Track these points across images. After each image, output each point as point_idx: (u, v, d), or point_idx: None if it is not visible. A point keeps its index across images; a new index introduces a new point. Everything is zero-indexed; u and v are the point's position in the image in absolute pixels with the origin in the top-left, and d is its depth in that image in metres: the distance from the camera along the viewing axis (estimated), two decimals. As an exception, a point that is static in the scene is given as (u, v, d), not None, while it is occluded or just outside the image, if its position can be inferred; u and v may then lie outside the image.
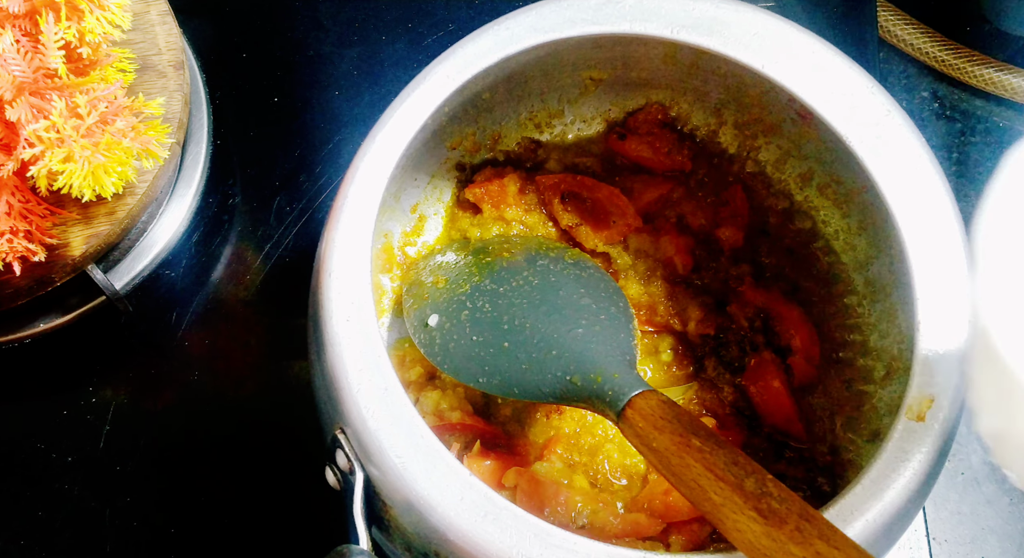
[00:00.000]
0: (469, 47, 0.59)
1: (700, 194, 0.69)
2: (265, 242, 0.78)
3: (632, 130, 0.69)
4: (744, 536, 0.45)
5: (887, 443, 0.51)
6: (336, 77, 0.82)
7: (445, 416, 0.63)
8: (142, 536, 0.70)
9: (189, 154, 0.77)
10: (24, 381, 0.75)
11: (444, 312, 0.63)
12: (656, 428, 0.50)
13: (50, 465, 0.72)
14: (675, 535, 0.58)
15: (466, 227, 0.69)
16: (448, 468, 0.50)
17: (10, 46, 0.59)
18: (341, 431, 0.53)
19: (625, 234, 0.68)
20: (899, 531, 0.52)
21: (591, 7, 0.60)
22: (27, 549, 0.70)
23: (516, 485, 0.60)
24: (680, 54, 0.62)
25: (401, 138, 0.58)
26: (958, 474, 0.74)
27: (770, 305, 0.66)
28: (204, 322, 0.75)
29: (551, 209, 0.68)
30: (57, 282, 0.68)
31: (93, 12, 0.62)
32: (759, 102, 0.63)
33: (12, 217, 0.63)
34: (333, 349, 0.53)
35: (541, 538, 0.48)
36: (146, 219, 0.74)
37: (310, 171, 0.80)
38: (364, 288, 0.54)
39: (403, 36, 0.84)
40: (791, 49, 0.59)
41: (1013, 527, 0.73)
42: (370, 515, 0.53)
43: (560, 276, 0.64)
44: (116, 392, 0.74)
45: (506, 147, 0.69)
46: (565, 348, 0.58)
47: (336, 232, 0.56)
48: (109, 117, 0.63)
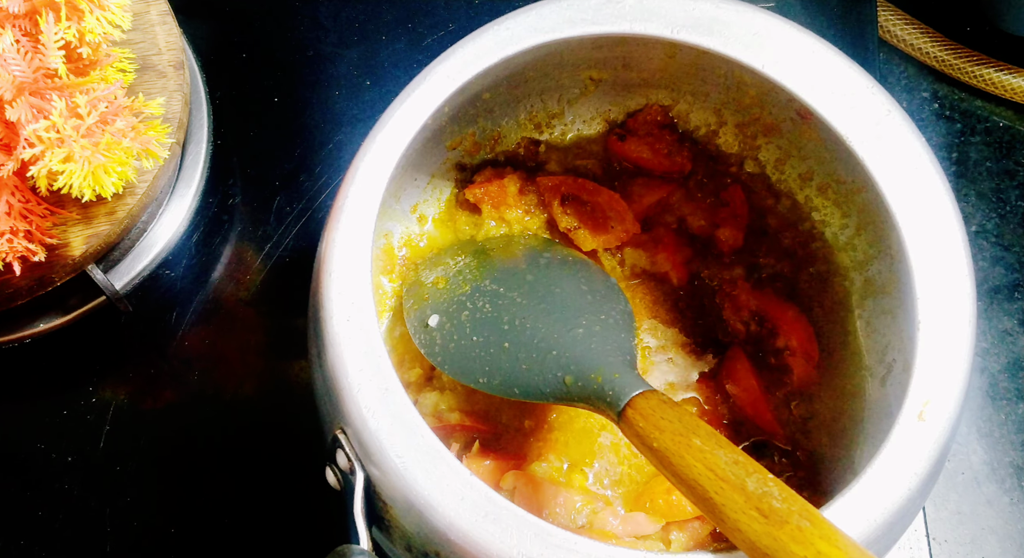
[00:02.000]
0: (469, 47, 0.59)
1: (699, 195, 0.69)
2: (265, 242, 0.78)
3: (632, 131, 0.69)
4: (745, 536, 0.45)
5: (887, 443, 0.51)
6: (336, 77, 0.82)
7: (444, 417, 0.63)
8: (142, 536, 0.70)
9: (189, 154, 0.77)
10: (24, 381, 0.75)
11: (444, 312, 0.63)
12: (657, 428, 0.50)
13: (50, 465, 0.72)
14: (676, 533, 0.58)
15: (466, 227, 0.69)
16: (448, 468, 0.50)
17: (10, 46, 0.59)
18: (341, 431, 0.53)
19: (623, 239, 0.68)
20: (899, 531, 0.52)
21: (591, 7, 0.60)
22: (27, 549, 0.70)
23: (514, 487, 0.60)
24: (680, 54, 0.62)
25: (401, 138, 0.58)
26: (958, 474, 0.74)
27: (765, 306, 0.66)
28: (204, 322, 0.75)
29: (551, 211, 0.68)
30: (57, 282, 0.68)
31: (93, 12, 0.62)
32: (759, 102, 0.63)
33: (12, 217, 0.63)
34: (333, 349, 0.53)
35: (542, 538, 0.48)
36: (146, 219, 0.74)
37: (310, 171, 0.80)
38: (364, 288, 0.54)
39: (403, 36, 0.84)
40: (791, 49, 0.59)
41: (1013, 527, 0.73)
42: (370, 515, 0.53)
43: (560, 276, 0.64)
44: (116, 392, 0.74)
45: (506, 147, 0.69)
46: (565, 348, 0.58)
47: (336, 232, 0.56)
48: (109, 117, 0.63)
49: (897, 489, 0.50)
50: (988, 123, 0.86)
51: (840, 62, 0.59)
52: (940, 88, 0.87)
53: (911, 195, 0.56)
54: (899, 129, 0.57)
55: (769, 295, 0.66)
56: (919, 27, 0.87)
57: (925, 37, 0.86)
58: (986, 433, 0.76)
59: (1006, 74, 0.85)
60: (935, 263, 0.54)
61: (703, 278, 0.68)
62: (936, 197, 0.56)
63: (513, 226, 0.68)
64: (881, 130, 0.57)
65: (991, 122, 0.86)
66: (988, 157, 0.85)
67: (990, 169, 0.84)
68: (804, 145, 0.64)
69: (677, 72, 0.64)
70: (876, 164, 0.56)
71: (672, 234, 0.68)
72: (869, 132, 0.57)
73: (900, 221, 0.55)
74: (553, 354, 0.58)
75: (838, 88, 0.58)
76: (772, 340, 0.65)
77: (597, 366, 0.56)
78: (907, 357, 0.54)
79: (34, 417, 0.73)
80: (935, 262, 0.54)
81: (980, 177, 0.84)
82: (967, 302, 0.54)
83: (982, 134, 0.86)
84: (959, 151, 0.85)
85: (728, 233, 0.67)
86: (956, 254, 0.54)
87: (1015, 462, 0.75)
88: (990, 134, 0.86)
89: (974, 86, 0.86)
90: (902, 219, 0.55)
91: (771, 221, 0.67)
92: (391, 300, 0.66)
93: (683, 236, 0.69)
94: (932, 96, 0.87)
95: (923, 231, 0.55)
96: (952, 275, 0.54)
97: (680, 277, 0.67)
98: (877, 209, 0.57)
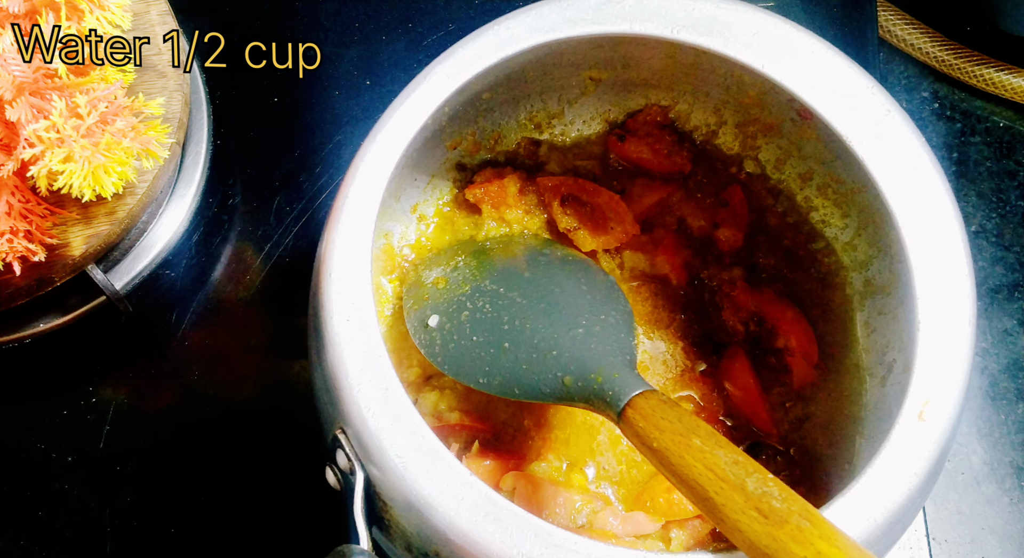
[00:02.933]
0: (469, 47, 0.59)
1: (699, 195, 0.69)
2: (265, 242, 0.78)
3: (632, 131, 0.69)
4: (745, 536, 0.45)
5: (887, 443, 0.51)
6: (336, 77, 0.82)
7: (444, 417, 0.63)
8: (142, 536, 0.70)
9: (189, 154, 0.77)
10: (24, 381, 0.75)
11: (444, 313, 0.63)
12: (657, 428, 0.50)
13: (50, 465, 0.72)
14: (676, 532, 0.58)
15: (466, 227, 0.69)
16: (448, 468, 0.50)
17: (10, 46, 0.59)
18: (341, 431, 0.53)
19: (622, 240, 0.68)
20: (899, 531, 0.52)
21: (591, 7, 0.60)
22: (27, 549, 0.70)
23: (514, 487, 0.60)
24: (680, 54, 0.62)
25: (401, 138, 0.58)
26: (958, 474, 0.74)
27: (764, 307, 0.66)
28: (204, 322, 0.75)
29: (551, 211, 0.68)
30: (57, 282, 0.68)
31: (93, 12, 0.62)
32: (759, 102, 0.63)
33: (12, 217, 0.63)
34: (333, 349, 0.53)
35: (542, 538, 0.48)
36: (146, 219, 0.74)
37: (310, 171, 0.80)
38: (364, 288, 0.54)
39: (403, 36, 0.84)
40: (791, 49, 0.59)
41: (1013, 527, 0.73)
42: (370, 515, 0.53)
43: (560, 276, 0.64)
44: (116, 392, 0.74)
45: (506, 147, 0.69)
46: (565, 348, 0.58)
47: (336, 232, 0.56)
48: (109, 117, 0.63)
49: (897, 489, 0.50)
50: (988, 123, 0.86)
51: (840, 62, 0.59)
52: (940, 88, 0.87)
53: (911, 195, 0.56)
54: (899, 129, 0.57)
55: (769, 295, 0.66)
56: (919, 27, 0.87)
57: (925, 37, 0.86)
58: (986, 433, 0.76)
59: (1006, 74, 0.85)
60: (935, 263, 0.54)
61: (703, 279, 0.68)
62: (936, 197, 0.56)
63: (513, 226, 0.68)
64: (881, 130, 0.57)
65: (991, 122, 0.86)
66: (988, 157, 0.85)
67: (990, 169, 0.84)
68: (804, 145, 0.64)
69: (677, 72, 0.64)
70: (876, 164, 0.56)
71: (672, 235, 0.68)
72: (869, 132, 0.57)
73: (900, 221, 0.55)
74: (553, 354, 0.58)
75: (838, 88, 0.58)
76: (772, 340, 0.65)
77: (597, 366, 0.56)
78: (907, 357, 0.54)
79: (34, 417, 0.73)
80: (935, 262, 0.54)
81: (980, 177, 0.84)
82: (967, 302, 0.54)
83: (982, 134, 0.86)
84: (959, 151, 0.85)
85: (728, 233, 0.67)
86: (956, 254, 0.54)
87: (1015, 462, 0.75)
88: (990, 134, 0.86)
89: (974, 86, 0.86)
90: (902, 219, 0.55)
91: (771, 221, 0.67)
92: (391, 300, 0.66)
93: (683, 237, 0.69)
94: (932, 96, 0.87)
95: (923, 231, 0.55)
96: (952, 275, 0.54)
97: (680, 278, 0.67)
98: (877, 209, 0.57)
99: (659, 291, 0.68)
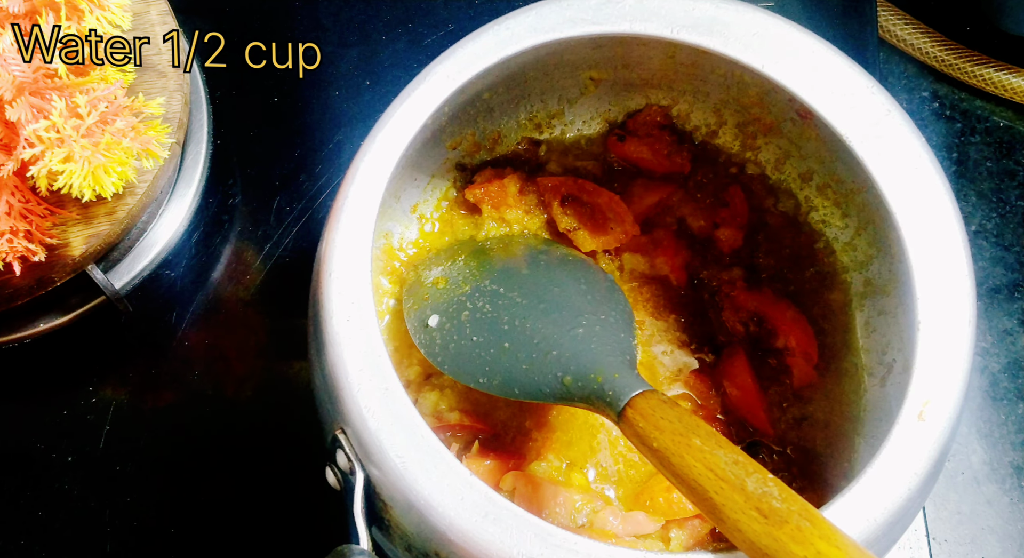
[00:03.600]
0: (469, 47, 0.59)
1: (699, 195, 0.69)
2: (265, 242, 0.78)
3: (631, 132, 0.69)
4: (745, 536, 0.45)
5: (887, 443, 0.51)
6: (336, 77, 0.82)
7: (444, 416, 0.63)
8: (142, 536, 0.70)
9: (189, 154, 0.77)
10: (24, 381, 0.75)
11: (444, 313, 0.63)
12: (657, 428, 0.50)
13: (50, 465, 0.72)
14: (675, 531, 0.58)
15: (466, 227, 0.69)
16: (448, 468, 0.50)
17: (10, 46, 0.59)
18: (341, 431, 0.53)
19: (622, 241, 0.68)
20: (899, 531, 0.52)
21: (591, 7, 0.60)
22: (27, 549, 0.70)
23: (514, 487, 0.60)
24: (680, 54, 0.62)
25: (401, 138, 0.58)
26: (958, 474, 0.74)
27: (764, 307, 0.66)
28: (204, 322, 0.75)
29: (551, 211, 0.68)
30: (57, 282, 0.68)
31: (93, 12, 0.62)
32: (759, 102, 0.63)
33: (12, 217, 0.63)
34: (333, 349, 0.53)
35: (542, 538, 0.48)
36: (146, 219, 0.74)
37: (310, 171, 0.80)
38: (364, 288, 0.54)
39: (403, 36, 0.84)
40: (791, 49, 0.59)
41: (1013, 527, 0.73)
42: (370, 515, 0.53)
43: (560, 276, 0.64)
44: (116, 392, 0.74)
45: (506, 147, 0.69)
46: (565, 348, 0.58)
47: (336, 232, 0.56)
48: (109, 117, 0.63)
49: (897, 489, 0.50)
50: (988, 123, 0.86)
51: (840, 62, 0.59)
52: (940, 88, 0.87)
53: (911, 195, 0.56)
54: (899, 129, 0.57)
55: (768, 296, 0.66)
56: (919, 27, 0.87)
57: (925, 37, 0.86)
58: (986, 433, 0.76)
59: (1006, 74, 0.85)
60: (935, 263, 0.54)
61: (703, 279, 0.68)
62: (936, 197, 0.56)
63: (513, 226, 0.68)
64: (881, 130, 0.57)
65: (991, 122, 0.86)
66: (988, 157, 0.85)
67: (990, 169, 0.84)
68: (804, 145, 0.64)
69: (677, 72, 0.64)
70: (876, 164, 0.56)
71: (671, 236, 0.68)
72: (869, 132, 0.57)
73: (900, 221, 0.55)
74: (553, 354, 0.58)
75: (838, 88, 0.58)
76: (771, 341, 0.65)
77: (597, 366, 0.56)
78: (907, 357, 0.54)
79: (34, 417, 0.73)
80: (935, 262, 0.54)
81: (980, 177, 0.84)
82: (967, 302, 0.54)
83: (982, 134, 0.86)
84: (959, 151, 0.85)
85: (728, 233, 0.67)
86: (956, 254, 0.54)
87: (1015, 462, 0.75)
88: (990, 134, 0.86)
89: (974, 86, 0.86)
90: (902, 219, 0.55)
91: (771, 221, 0.67)
92: (391, 300, 0.66)
93: (683, 237, 0.69)
94: (932, 96, 0.87)
95: (923, 231, 0.55)
96: (952, 275, 0.54)
97: (679, 278, 0.67)
98: (877, 209, 0.57)
99: (659, 291, 0.68)
